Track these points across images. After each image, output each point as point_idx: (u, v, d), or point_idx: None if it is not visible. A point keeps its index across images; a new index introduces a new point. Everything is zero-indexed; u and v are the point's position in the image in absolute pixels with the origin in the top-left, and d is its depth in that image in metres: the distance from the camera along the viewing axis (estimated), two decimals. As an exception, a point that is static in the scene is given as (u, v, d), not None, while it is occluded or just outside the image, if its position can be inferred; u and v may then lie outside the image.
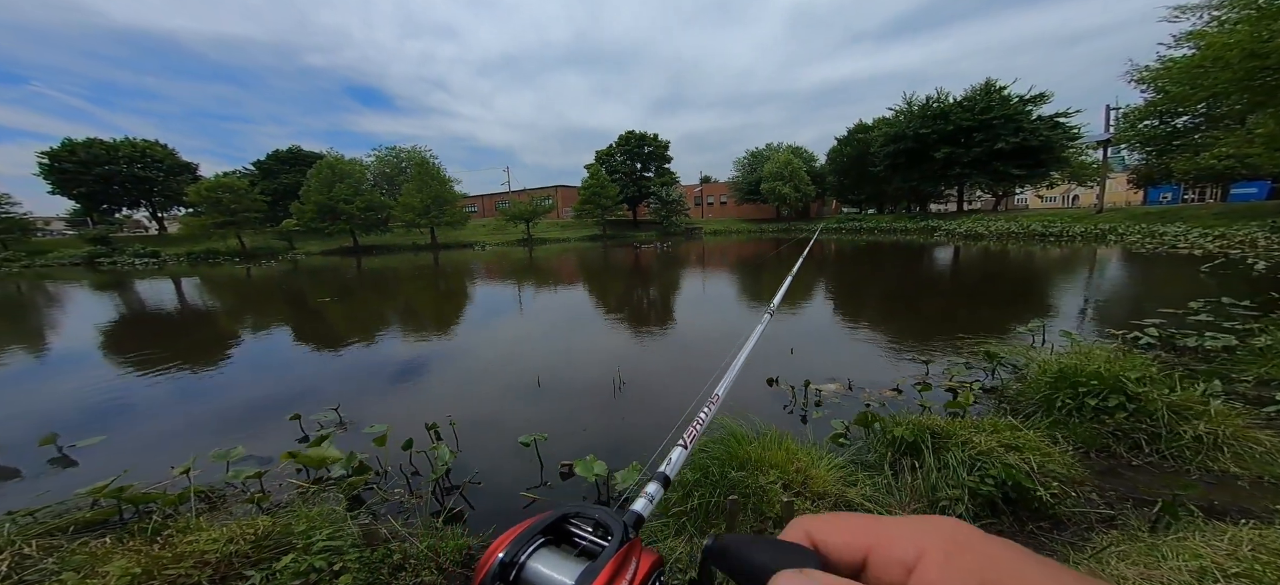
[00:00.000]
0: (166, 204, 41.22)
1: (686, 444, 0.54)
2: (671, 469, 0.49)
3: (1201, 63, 9.00)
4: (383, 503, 2.61)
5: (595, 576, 0.30)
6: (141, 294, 13.83)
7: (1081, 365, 2.96)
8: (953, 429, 2.44)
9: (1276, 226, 14.76)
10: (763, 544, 0.29)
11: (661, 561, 0.34)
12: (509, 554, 0.33)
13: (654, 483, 0.46)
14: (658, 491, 0.45)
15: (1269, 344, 3.93)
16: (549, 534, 0.36)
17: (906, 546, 0.26)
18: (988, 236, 23.27)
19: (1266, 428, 2.57)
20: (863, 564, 0.27)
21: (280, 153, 45.11)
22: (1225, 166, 19.88)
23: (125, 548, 1.78)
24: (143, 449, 3.47)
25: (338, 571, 1.73)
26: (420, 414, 3.61)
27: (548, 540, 0.35)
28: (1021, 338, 5.08)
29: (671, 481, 0.47)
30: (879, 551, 0.27)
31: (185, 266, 26.52)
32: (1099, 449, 2.61)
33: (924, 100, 33.44)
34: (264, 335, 7.63)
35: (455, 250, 33.98)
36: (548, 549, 0.35)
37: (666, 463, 0.49)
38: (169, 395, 4.73)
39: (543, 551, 0.34)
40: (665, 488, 0.46)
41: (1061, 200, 46.19)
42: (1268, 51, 7.62)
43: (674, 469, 0.49)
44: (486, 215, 57.24)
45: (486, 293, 11.87)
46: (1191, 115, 20.69)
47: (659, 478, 0.47)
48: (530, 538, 0.34)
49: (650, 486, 0.45)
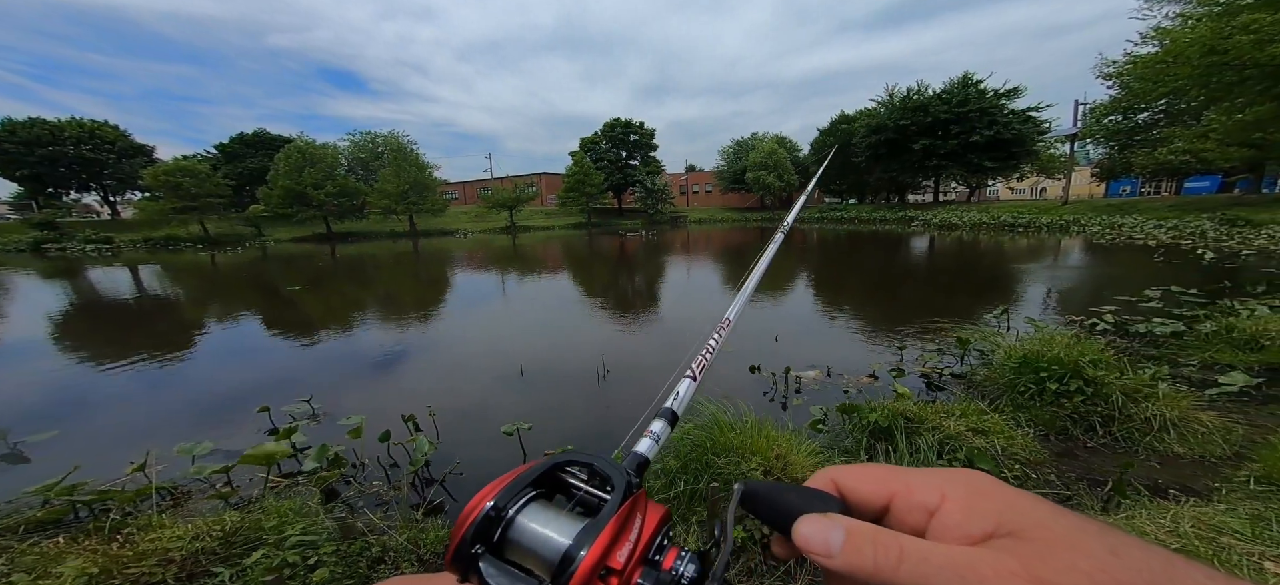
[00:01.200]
0: (120, 188, 38.85)
1: (695, 376, 0.49)
2: (680, 404, 0.45)
3: (1164, 58, 9.42)
4: (359, 496, 2.55)
5: (596, 536, 0.27)
6: (96, 282, 13.05)
7: (1043, 351, 3.10)
8: (924, 414, 2.54)
9: (1225, 219, 15.71)
10: (791, 490, 0.30)
11: (669, 514, 0.31)
12: (495, 507, 0.29)
13: (659, 420, 0.42)
14: (664, 430, 0.41)
15: (1213, 330, 4.19)
16: (541, 485, 0.32)
17: (929, 492, 0.26)
18: (961, 226, 24.01)
19: (1209, 410, 2.74)
20: (885, 510, 0.28)
21: (246, 135, 42.95)
22: (1181, 161, 20.96)
23: (81, 547, 1.70)
24: (100, 445, 3.31)
25: (313, 566, 1.69)
26: (398, 405, 3.54)
27: (541, 493, 0.32)
28: (990, 324, 5.28)
29: (679, 417, 0.44)
30: (902, 497, 0.27)
31: (143, 253, 25.11)
32: (1058, 432, 2.76)
33: (905, 92, 34.05)
34: (231, 325, 7.32)
35: (436, 237, 33.16)
36: (540, 502, 0.31)
37: (674, 398, 0.45)
38: (128, 389, 4.51)
39: (534, 506, 0.30)
40: (672, 426, 0.42)
41: (1030, 192, 47.94)
42: (1226, 48, 8.00)
43: (682, 404, 0.45)
44: (468, 202, 55.91)
45: (468, 281, 11.65)
46: (1152, 111, 21.68)
47: (665, 414, 0.43)
48: (519, 489, 0.30)
49: (655, 424, 0.41)
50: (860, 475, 0.29)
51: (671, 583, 0.27)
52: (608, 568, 0.26)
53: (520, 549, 0.28)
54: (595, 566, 0.26)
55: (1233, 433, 2.54)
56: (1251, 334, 3.84)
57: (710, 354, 0.52)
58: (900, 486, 0.27)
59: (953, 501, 0.25)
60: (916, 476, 0.28)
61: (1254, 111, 9.94)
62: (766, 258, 0.73)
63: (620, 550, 0.27)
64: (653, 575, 0.27)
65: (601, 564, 0.26)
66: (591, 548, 0.26)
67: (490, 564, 0.28)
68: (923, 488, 0.27)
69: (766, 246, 0.76)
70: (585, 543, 0.26)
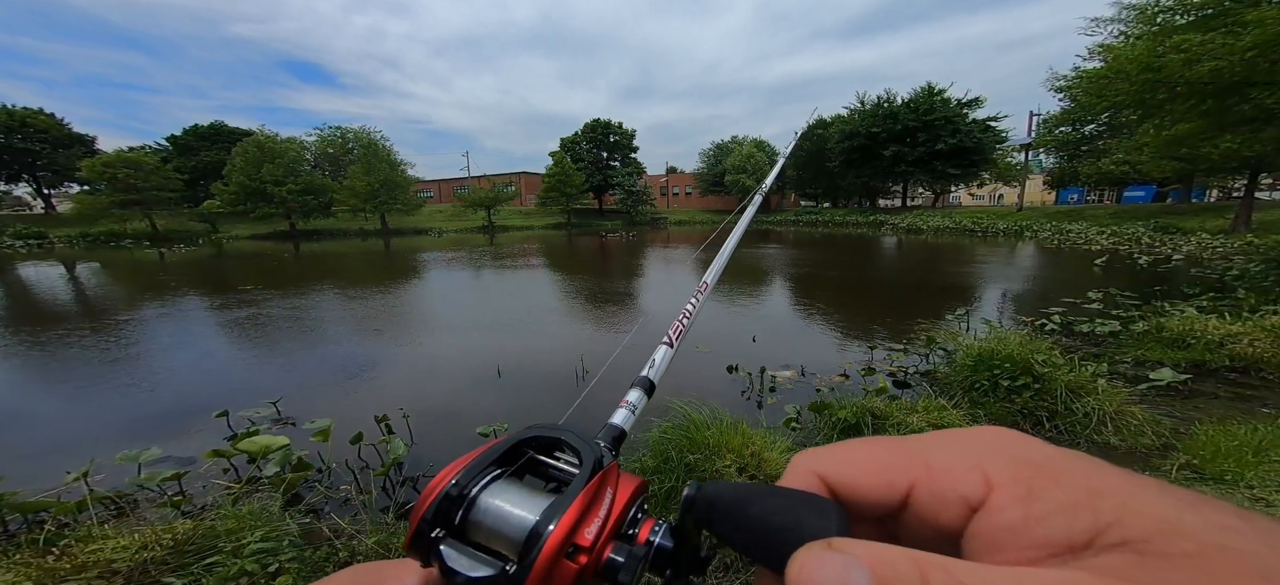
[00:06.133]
0: (55, 180, 35.92)
1: (672, 343, 0.47)
2: (656, 372, 0.43)
3: (1107, 74, 10.14)
4: (326, 500, 2.46)
5: (562, 512, 0.25)
6: (27, 280, 12.02)
7: (998, 349, 3.29)
8: (889, 411, 2.65)
9: (1158, 226, 17.06)
10: (766, 495, 0.22)
11: (645, 486, 0.30)
12: (456, 486, 0.27)
13: (636, 389, 0.40)
14: (641, 399, 0.39)
15: (1145, 330, 4.55)
16: (507, 462, 0.30)
17: (966, 476, 0.19)
18: (926, 231, 25.13)
19: (1140, 403, 2.98)
20: (901, 505, 0.20)
21: (201, 127, 40.60)
22: (1121, 171, 22.67)
23: (11, 560, 1.57)
24: (33, 455, 3.06)
25: (274, 573, 1.62)
26: (370, 408, 3.43)
27: (508, 471, 0.30)
28: (950, 325, 5.56)
29: (656, 386, 0.42)
30: (924, 487, 0.19)
31: (79, 250, 23.28)
32: (1010, 426, 2.93)
33: (876, 100, 35.38)
34: (177, 325, 6.89)
35: (409, 236, 32.15)
36: (507, 481, 0.29)
37: (650, 366, 0.43)
38: (64, 395, 4.19)
39: (500, 484, 0.28)
40: (650, 394, 0.41)
41: (989, 199, 50.62)
42: (1160, 67, 8.68)
43: (658, 372, 0.43)
44: (444, 201, 54.42)
45: (444, 280, 11.35)
46: (1097, 124, 23.29)
47: (642, 383, 0.41)
48: (482, 467, 0.28)
49: (632, 393, 0.39)
50: (858, 462, 0.21)
51: (646, 555, 0.26)
52: (576, 545, 0.25)
53: (484, 529, 0.27)
54: (562, 544, 0.24)
55: (1161, 425, 2.77)
56: (1179, 333, 4.19)
57: (687, 319, 0.51)
58: (921, 471, 0.20)
59: (1004, 490, 0.18)
60: (940, 450, 0.20)
61: (1182, 127, 10.83)
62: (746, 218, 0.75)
63: (589, 526, 0.25)
64: (625, 549, 0.26)
65: (568, 541, 0.24)
66: (557, 524, 0.24)
67: (452, 546, 0.26)
68: (954, 470, 0.19)
69: (746, 207, 0.77)
70: (551, 518, 0.25)
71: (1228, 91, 8.66)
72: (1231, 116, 9.47)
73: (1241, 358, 3.65)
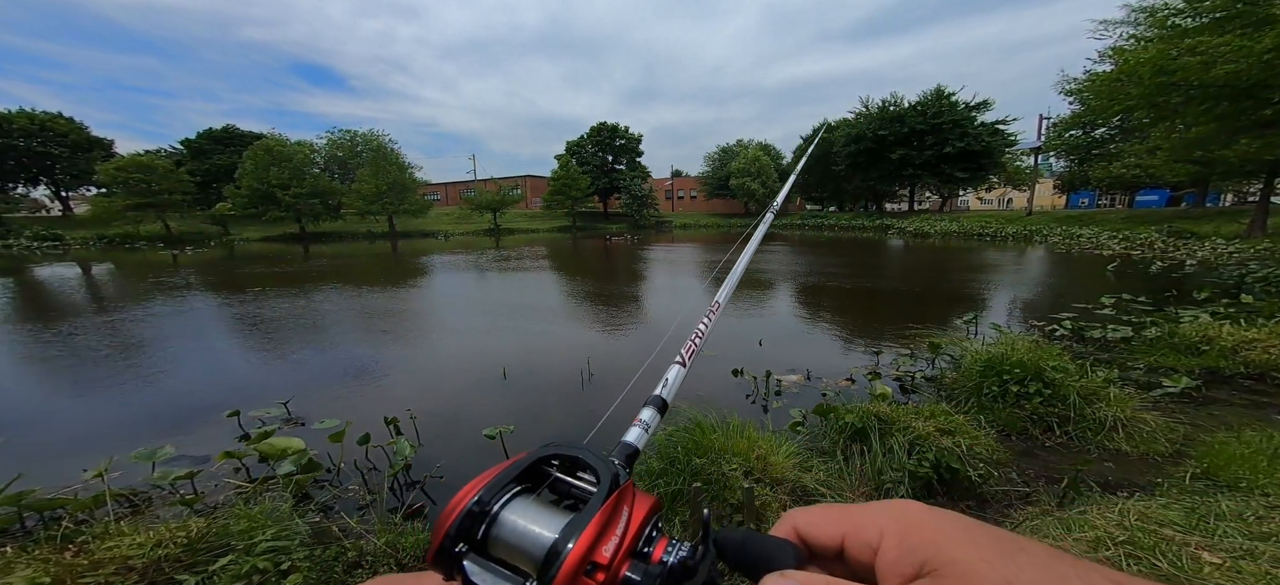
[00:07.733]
0: (72, 183, 36.68)
1: (685, 362, 0.47)
2: (669, 392, 0.43)
3: (1118, 77, 10.03)
4: (335, 500, 2.49)
5: (581, 531, 0.26)
6: (45, 281, 12.28)
7: (1006, 354, 3.26)
8: (896, 416, 2.63)
9: (1172, 231, 16.78)
10: (757, 540, 0.30)
11: (660, 504, 0.31)
12: (479, 503, 0.28)
13: (649, 408, 0.41)
14: (654, 418, 0.40)
15: (1158, 336, 4.48)
16: (526, 480, 0.31)
17: (871, 530, 0.28)
18: (934, 235, 24.90)
19: (1153, 410, 2.94)
20: (841, 550, 0.29)
21: (214, 131, 41.27)
22: (1133, 175, 22.36)
23: (31, 557, 1.61)
24: (51, 453, 3.13)
25: (285, 571, 1.65)
26: (378, 409, 3.47)
27: (527, 488, 0.31)
28: (959, 330, 5.51)
29: (669, 405, 0.42)
30: (852, 537, 0.29)
31: (96, 252, 23.74)
32: (1019, 432, 2.90)
33: (881, 103, 35.19)
34: (189, 325, 7.00)
35: (417, 239, 32.42)
36: (525, 498, 0.30)
37: (663, 385, 0.44)
38: (82, 394, 4.27)
39: (519, 501, 0.29)
40: (662, 413, 0.41)
41: (997, 203, 50.17)
42: (1173, 69, 8.59)
43: (671, 391, 0.44)
44: (450, 204, 54.89)
45: (450, 282, 11.44)
46: (1108, 127, 23.00)
47: (655, 402, 0.42)
48: (503, 484, 0.29)
49: (645, 412, 0.40)
50: (818, 519, 0.31)
51: (661, 574, 0.27)
52: (594, 562, 0.25)
53: (505, 546, 0.27)
54: (581, 561, 0.25)
55: (1175, 432, 2.73)
56: (1193, 339, 4.12)
57: (700, 339, 0.52)
58: (850, 527, 0.29)
59: (889, 539, 0.27)
60: (861, 514, 0.29)
61: (1197, 131, 10.68)
62: (757, 237, 0.75)
63: (607, 544, 0.26)
64: (642, 567, 0.27)
65: (587, 559, 0.25)
66: (576, 542, 0.25)
67: (474, 562, 0.27)
68: (867, 526, 0.28)
69: (756, 226, 0.78)
70: (570, 537, 0.26)
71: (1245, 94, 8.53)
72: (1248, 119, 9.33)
73: (1256, 364, 3.59)
